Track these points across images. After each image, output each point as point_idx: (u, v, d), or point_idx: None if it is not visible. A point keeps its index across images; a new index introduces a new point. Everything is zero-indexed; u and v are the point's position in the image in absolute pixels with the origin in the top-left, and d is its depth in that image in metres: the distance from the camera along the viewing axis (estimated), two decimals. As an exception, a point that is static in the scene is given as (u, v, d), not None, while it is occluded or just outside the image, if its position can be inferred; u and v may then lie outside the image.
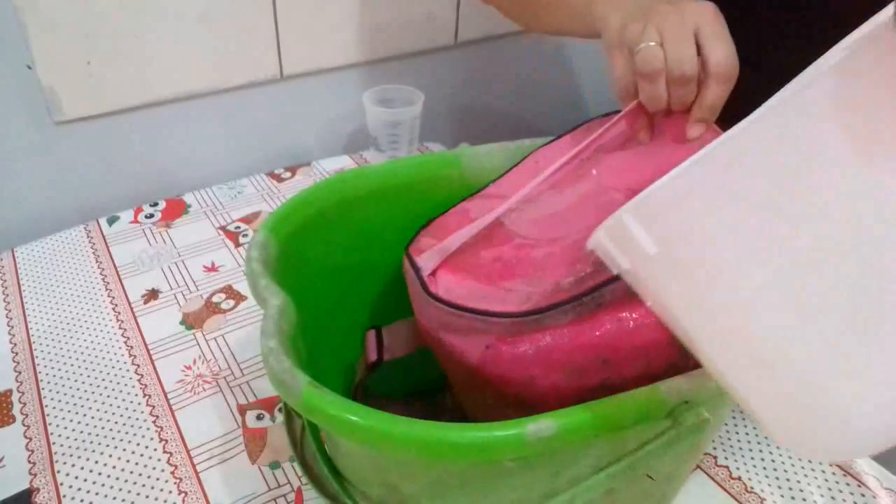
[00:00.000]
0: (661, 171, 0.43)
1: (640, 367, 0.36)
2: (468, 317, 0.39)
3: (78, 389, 0.58)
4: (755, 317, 0.26)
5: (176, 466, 0.52)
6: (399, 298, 0.47)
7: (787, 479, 0.52)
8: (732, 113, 0.42)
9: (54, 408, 0.57)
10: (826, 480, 0.51)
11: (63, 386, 0.59)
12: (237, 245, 0.76)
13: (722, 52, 0.40)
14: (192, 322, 0.66)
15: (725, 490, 0.51)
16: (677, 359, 0.36)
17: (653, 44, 0.41)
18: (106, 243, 0.76)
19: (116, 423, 0.55)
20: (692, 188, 0.25)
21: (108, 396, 0.58)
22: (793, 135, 0.24)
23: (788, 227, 0.25)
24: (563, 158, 0.47)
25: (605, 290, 0.36)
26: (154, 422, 0.56)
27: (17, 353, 0.62)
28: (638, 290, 0.29)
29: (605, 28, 0.45)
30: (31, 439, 0.54)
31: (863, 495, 0.50)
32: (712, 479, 0.52)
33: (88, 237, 0.77)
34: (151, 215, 0.81)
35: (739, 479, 0.52)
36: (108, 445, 0.54)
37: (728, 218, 0.25)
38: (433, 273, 0.44)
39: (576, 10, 0.50)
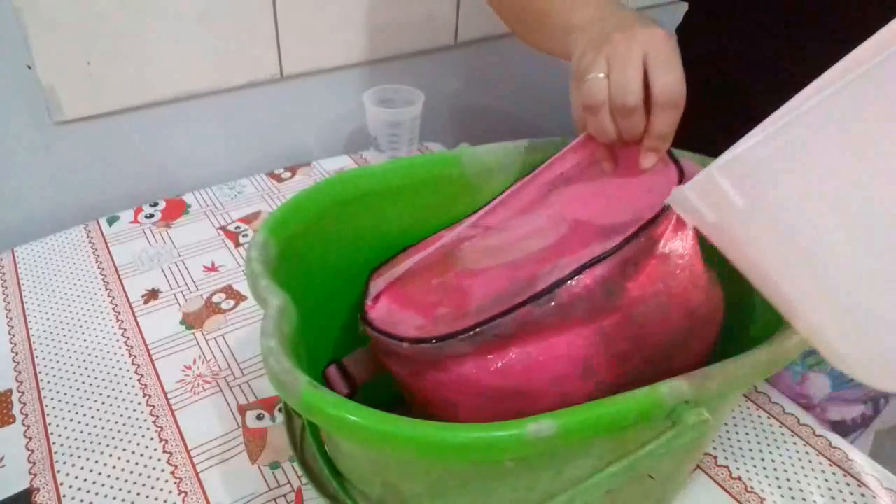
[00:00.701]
0: (610, 203, 0.44)
1: (556, 401, 0.36)
2: (387, 341, 0.40)
3: (78, 389, 0.58)
4: (838, 265, 0.28)
5: (176, 466, 0.52)
6: (399, 298, 0.47)
7: (787, 479, 0.52)
8: (736, 113, 0.42)
9: (54, 408, 0.57)
10: (826, 480, 0.51)
11: (63, 386, 0.59)
12: (237, 245, 0.76)
13: (666, 79, 0.39)
14: (192, 322, 0.66)
15: (725, 490, 0.51)
16: (595, 394, 0.36)
17: (601, 75, 0.40)
18: (106, 243, 0.76)
19: (116, 423, 0.55)
20: (781, 148, 0.27)
21: (108, 396, 0.58)
22: (883, 97, 0.25)
23: (874, 184, 0.26)
24: (516, 185, 0.48)
25: (500, 321, 0.35)
26: (154, 422, 0.56)
27: (17, 353, 0.62)
28: (719, 243, 0.31)
29: (573, 60, 0.45)
30: (31, 439, 0.54)
31: (863, 495, 0.50)
32: (712, 479, 0.52)
33: (88, 237, 0.77)
34: (151, 215, 0.81)
35: (739, 479, 0.52)
36: (108, 445, 0.54)
37: (814, 173, 0.27)
38: (376, 297, 0.45)
39: (558, 35, 0.50)
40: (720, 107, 0.60)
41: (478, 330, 0.36)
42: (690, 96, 0.41)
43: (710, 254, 0.36)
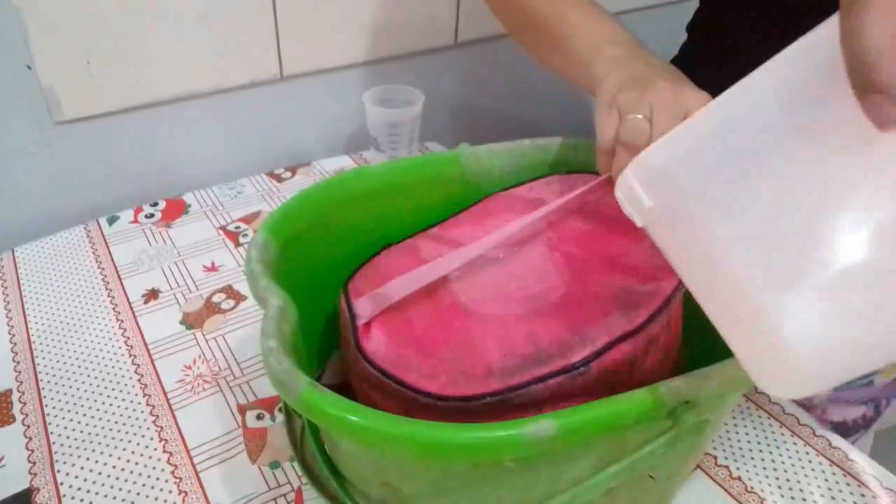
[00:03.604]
0: (614, 248, 0.44)
1: None
2: (393, 386, 0.38)
3: (78, 389, 0.58)
4: (729, 268, 0.29)
5: (176, 466, 0.52)
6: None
7: (787, 479, 0.52)
8: None
9: (54, 408, 0.57)
10: (826, 480, 0.51)
11: (63, 386, 0.59)
12: (237, 245, 0.76)
13: None
14: (192, 322, 0.66)
15: (725, 490, 0.51)
16: None
17: (641, 116, 0.41)
18: (106, 243, 0.76)
19: (116, 422, 0.55)
20: (677, 152, 0.30)
21: (108, 396, 0.58)
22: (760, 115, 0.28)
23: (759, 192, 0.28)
24: (517, 224, 0.46)
25: (532, 388, 0.35)
26: (154, 422, 0.56)
27: (17, 353, 0.62)
28: (655, 243, 0.33)
29: (601, 87, 0.45)
30: (31, 439, 0.54)
31: (863, 495, 0.50)
32: (712, 479, 0.52)
33: (88, 237, 0.77)
34: (151, 215, 0.81)
35: (739, 479, 0.52)
36: (108, 445, 0.54)
37: (705, 178, 0.29)
38: (368, 324, 0.42)
39: (578, 60, 0.50)
40: None
41: (507, 395, 0.35)
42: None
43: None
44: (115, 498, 0.50)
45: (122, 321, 0.66)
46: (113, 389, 0.58)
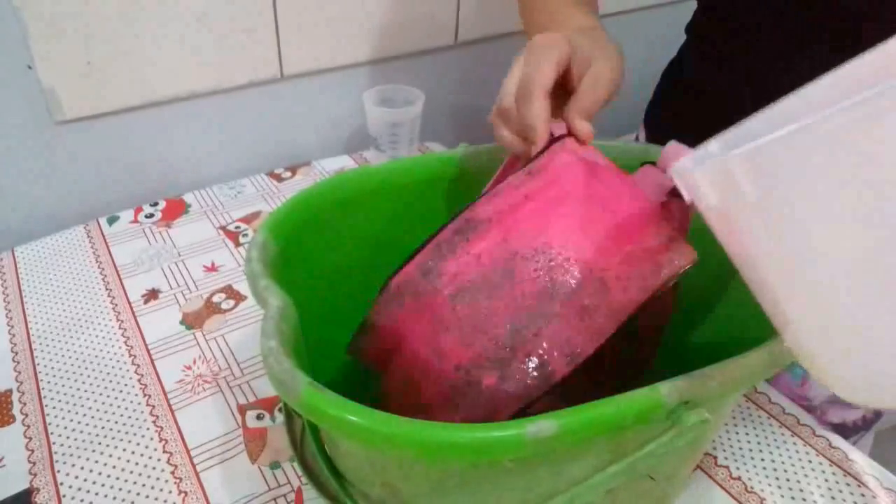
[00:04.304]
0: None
1: (440, 390, 0.38)
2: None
3: (78, 389, 0.58)
4: (837, 276, 0.27)
5: (176, 466, 0.52)
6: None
7: (787, 479, 0.52)
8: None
9: (54, 408, 0.57)
10: (826, 480, 0.51)
11: (63, 386, 0.59)
12: (237, 245, 0.76)
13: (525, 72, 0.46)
14: (192, 322, 0.66)
15: (725, 490, 0.51)
16: (461, 381, 0.38)
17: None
18: (106, 243, 0.76)
19: (116, 422, 0.55)
20: (809, 145, 0.26)
21: (108, 396, 0.58)
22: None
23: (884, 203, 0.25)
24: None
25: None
26: (154, 422, 0.56)
27: (17, 353, 0.62)
28: (717, 227, 0.30)
29: None
30: (31, 439, 0.54)
31: (863, 495, 0.50)
32: (712, 479, 0.52)
33: (88, 237, 0.77)
34: (151, 215, 0.81)
35: (739, 479, 0.52)
36: (108, 445, 0.54)
37: (837, 178, 0.26)
38: None
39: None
40: (728, 104, 0.60)
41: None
42: (698, 94, 0.41)
43: (703, 247, 0.35)
44: (115, 498, 0.50)
45: (122, 321, 0.66)
46: (113, 389, 0.58)
